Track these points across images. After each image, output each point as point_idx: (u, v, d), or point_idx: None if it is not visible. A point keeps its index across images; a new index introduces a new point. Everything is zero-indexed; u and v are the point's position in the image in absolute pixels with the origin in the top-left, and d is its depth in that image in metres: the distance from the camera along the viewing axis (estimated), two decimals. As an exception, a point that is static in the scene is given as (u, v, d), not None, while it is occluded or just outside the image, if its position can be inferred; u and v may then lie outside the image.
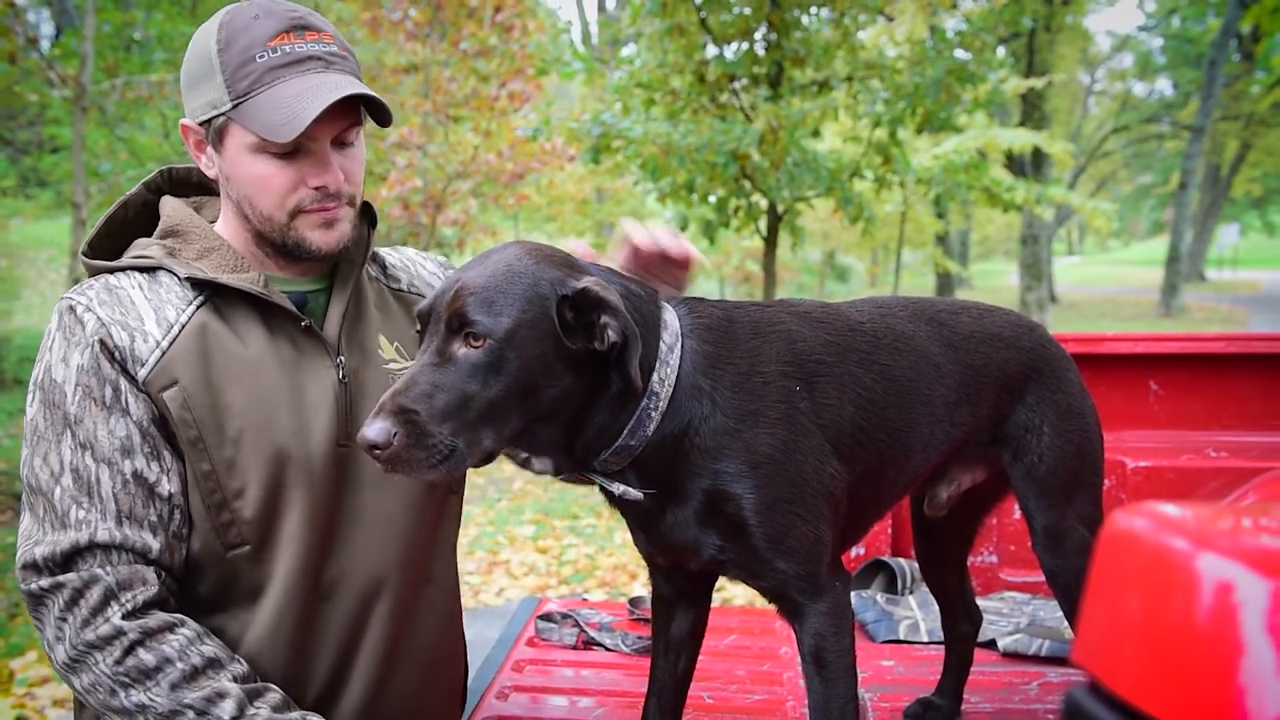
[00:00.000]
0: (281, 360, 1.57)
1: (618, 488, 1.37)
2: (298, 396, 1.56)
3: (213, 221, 1.69)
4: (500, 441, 1.28)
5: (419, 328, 1.33)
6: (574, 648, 2.36)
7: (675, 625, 1.63)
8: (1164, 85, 39.79)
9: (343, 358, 1.61)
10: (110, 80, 10.38)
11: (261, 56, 1.48)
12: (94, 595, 1.43)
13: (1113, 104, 40.44)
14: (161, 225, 1.65)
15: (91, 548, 1.44)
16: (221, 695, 1.42)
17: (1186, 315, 22.97)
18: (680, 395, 1.36)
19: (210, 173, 1.62)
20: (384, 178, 9.92)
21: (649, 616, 1.75)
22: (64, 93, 9.95)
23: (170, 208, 1.67)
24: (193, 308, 1.55)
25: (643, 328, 1.34)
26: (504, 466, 9.53)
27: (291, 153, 1.52)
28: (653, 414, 1.34)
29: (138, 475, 1.47)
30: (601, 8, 24.72)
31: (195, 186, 1.77)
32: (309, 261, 1.63)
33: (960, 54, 9.23)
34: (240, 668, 1.48)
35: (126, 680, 1.41)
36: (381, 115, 1.57)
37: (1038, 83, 14.30)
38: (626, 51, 15.15)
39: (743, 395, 1.38)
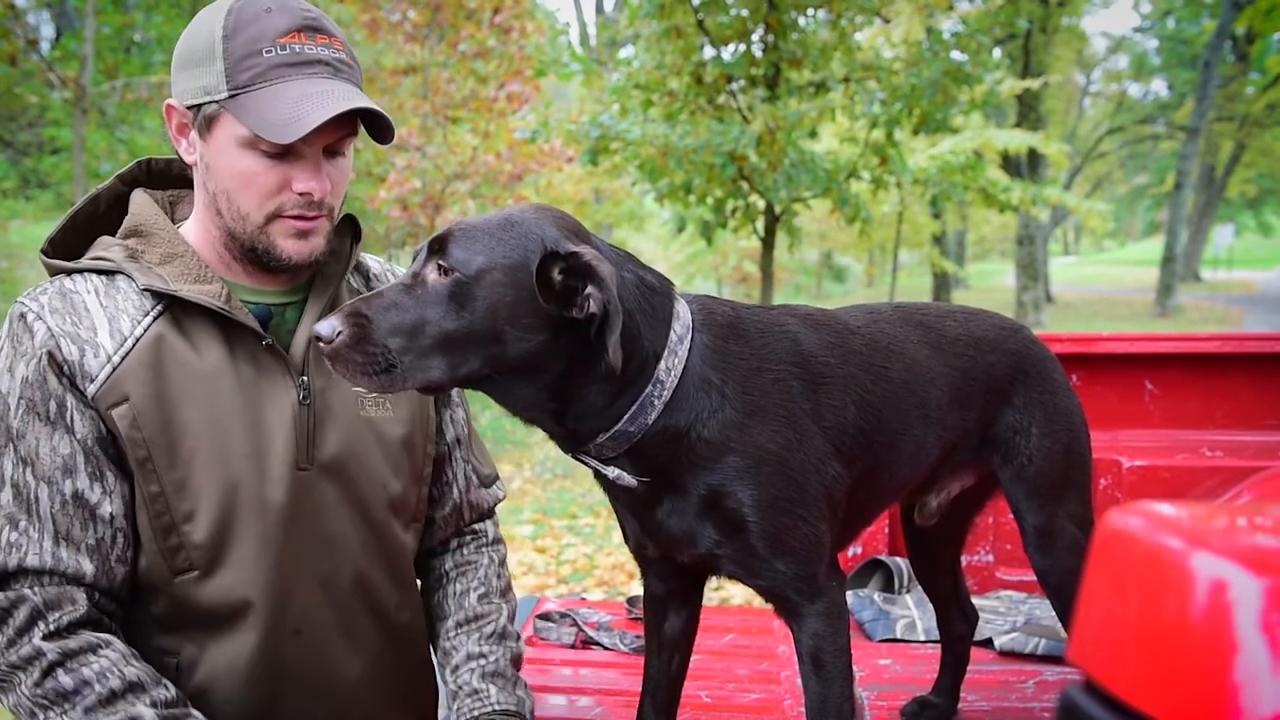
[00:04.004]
0: (240, 378, 1.49)
1: (613, 471, 1.36)
2: (254, 417, 1.49)
3: (185, 219, 1.62)
4: (450, 377, 1.27)
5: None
6: (572, 647, 2.37)
7: (668, 624, 1.63)
8: (1159, 86, 39.88)
9: (306, 378, 1.54)
10: (110, 82, 10.38)
11: (269, 51, 1.42)
12: (20, 616, 1.38)
13: (1108, 105, 40.45)
14: (126, 223, 1.57)
15: (22, 572, 1.39)
16: None
17: (1182, 315, 22.98)
18: (687, 386, 1.35)
19: (189, 158, 1.53)
20: (383, 179, 9.95)
21: (648, 616, 1.76)
22: (64, 94, 9.96)
23: (138, 204, 1.58)
24: (149, 319, 1.47)
25: (651, 317, 1.33)
26: (501, 465, 9.53)
27: (282, 154, 1.46)
28: (655, 402, 1.33)
29: (78, 496, 1.42)
30: (599, 9, 24.73)
31: (175, 179, 1.68)
32: (276, 271, 1.55)
33: (956, 55, 9.26)
34: (165, 692, 1.40)
35: (45, 702, 1.36)
36: (383, 133, 1.50)
37: (1033, 84, 14.29)
38: (624, 53, 15.15)
39: (752, 391, 1.38)
